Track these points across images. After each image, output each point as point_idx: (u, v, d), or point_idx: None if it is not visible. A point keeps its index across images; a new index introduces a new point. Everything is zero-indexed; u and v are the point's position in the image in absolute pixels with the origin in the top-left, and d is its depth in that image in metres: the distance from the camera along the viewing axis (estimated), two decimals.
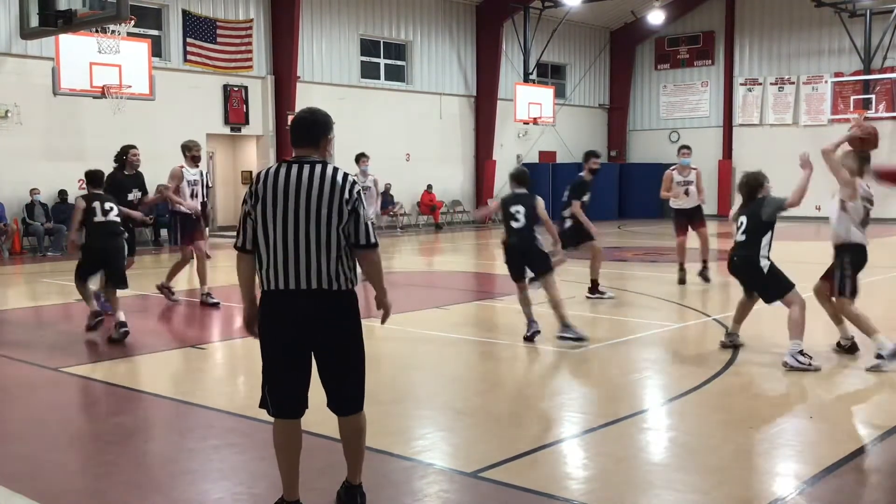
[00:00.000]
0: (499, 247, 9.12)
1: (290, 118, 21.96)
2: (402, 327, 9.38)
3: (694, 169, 12.68)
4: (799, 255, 9.80)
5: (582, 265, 11.78)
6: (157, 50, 19.84)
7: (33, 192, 17.87)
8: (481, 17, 27.77)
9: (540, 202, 8.38)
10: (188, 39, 20.85)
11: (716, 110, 31.27)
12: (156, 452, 5.25)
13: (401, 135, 25.47)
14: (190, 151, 11.17)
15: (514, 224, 8.34)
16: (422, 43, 26.52)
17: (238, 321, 9.72)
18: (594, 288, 11.22)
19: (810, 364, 7.12)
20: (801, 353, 7.17)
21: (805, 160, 7.67)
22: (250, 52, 21.85)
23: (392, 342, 8.56)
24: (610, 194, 30.72)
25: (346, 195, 3.96)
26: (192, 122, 20.80)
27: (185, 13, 20.80)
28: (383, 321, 4.37)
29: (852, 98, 27.66)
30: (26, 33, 12.30)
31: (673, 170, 12.67)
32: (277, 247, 3.96)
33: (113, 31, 14.64)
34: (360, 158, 13.09)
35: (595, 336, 8.65)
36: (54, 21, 11.13)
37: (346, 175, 4.02)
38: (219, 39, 21.39)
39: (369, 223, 4.06)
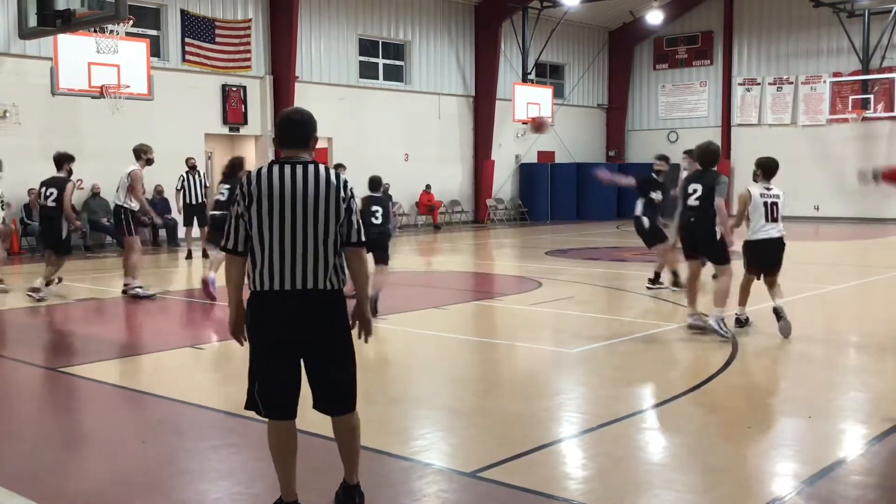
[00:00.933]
0: (500, 247, 9.19)
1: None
2: (401, 327, 9.38)
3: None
4: (802, 256, 9.80)
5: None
6: (155, 50, 19.83)
7: (31, 191, 17.84)
8: (480, 17, 27.76)
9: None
10: (187, 39, 20.84)
11: (714, 110, 31.28)
12: (154, 452, 5.24)
13: (399, 135, 25.47)
14: (146, 154, 11.66)
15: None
16: (420, 43, 26.52)
17: (371, 339, 9.72)
18: (655, 279, 11.75)
19: (726, 333, 8.16)
20: (724, 320, 8.21)
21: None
22: (249, 52, 21.84)
23: (391, 342, 8.56)
24: (608, 194, 30.67)
25: (343, 193, 4.00)
26: (190, 121, 20.80)
27: (184, 13, 20.79)
28: (366, 337, 4.23)
29: (851, 98, 27.67)
30: (24, 33, 12.28)
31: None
32: (274, 247, 3.94)
33: (111, 31, 14.62)
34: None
35: (594, 336, 8.65)
36: (53, 21, 11.11)
37: (338, 174, 4.05)
38: (217, 39, 21.38)
39: (360, 222, 4.09)
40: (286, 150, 4.07)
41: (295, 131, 4.08)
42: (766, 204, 8.44)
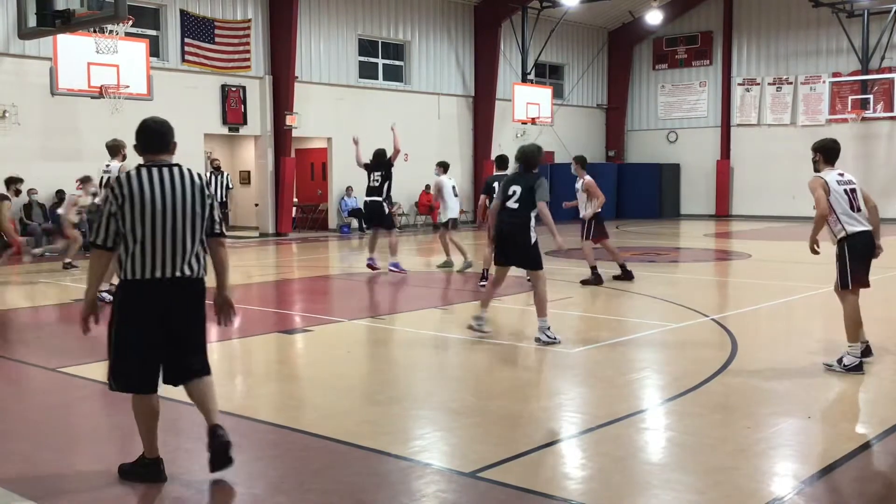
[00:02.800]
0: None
1: (288, 119, 21.94)
2: (401, 327, 9.38)
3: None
4: (801, 255, 9.80)
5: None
6: (154, 50, 19.83)
7: (31, 192, 17.84)
8: (479, 18, 27.76)
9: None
10: (186, 39, 20.84)
11: (714, 110, 31.28)
12: None
13: (399, 135, 25.41)
14: (124, 150, 10.95)
15: None
16: (420, 43, 26.51)
17: (237, 321, 9.73)
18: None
19: (555, 338, 8.04)
20: (549, 328, 8.08)
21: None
22: (248, 52, 21.84)
23: (390, 342, 8.56)
24: (608, 194, 30.52)
25: (207, 191, 4.63)
26: (189, 122, 20.74)
27: (183, 13, 20.79)
28: (226, 321, 4.81)
29: (850, 98, 27.66)
30: (24, 33, 12.29)
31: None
32: (146, 241, 4.43)
33: (111, 31, 14.62)
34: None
35: (593, 336, 8.65)
36: (52, 21, 11.12)
37: (199, 174, 4.67)
38: (217, 39, 21.39)
39: (220, 215, 4.74)
40: (148, 154, 4.61)
41: (156, 139, 4.67)
42: (846, 191, 7.12)
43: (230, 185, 19.38)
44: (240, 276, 13.97)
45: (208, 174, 18.04)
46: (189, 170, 4.65)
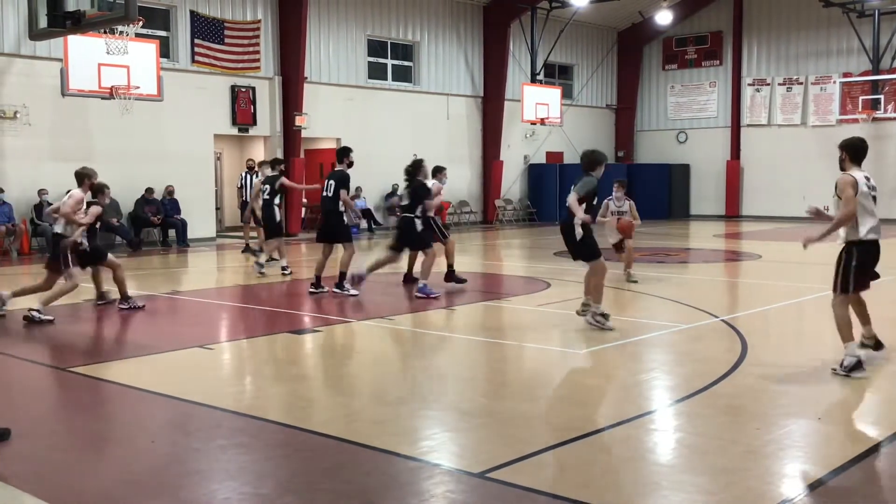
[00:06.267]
0: (509, 247, 9.30)
1: (297, 119, 22.00)
2: (410, 328, 9.39)
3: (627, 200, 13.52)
4: (811, 256, 9.77)
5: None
6: (165, 51, 19.90)
7: (41, 192, 17.91)
8: (488, 18, 27.75)
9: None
10: (196, 40, 20.89)
11: (724, 111, 31.19)
12: (162, 452, 5.25)
13: (408, 135, 25.45)
14: (90, 179, 10.57)
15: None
16: (429, 43, 26.52)
17: (243, 322, 9.74)
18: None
19: (605, 323, 8.72)
20: (603, 315, 8.80)
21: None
22: (258, 52, 21.89)
23: (398, 342, 8.56)
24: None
25: None
26: (199, 122, 20.85)
27: (193, 14, 20.84)
28: None
29: (861, 98, 27.56)
30: (35, 34, 12.31)
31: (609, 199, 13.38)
32: None
33: (121, 32, 14.64)
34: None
35: (603, 337, 8.64)
36: (63, 22, 11.13)
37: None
38: (226, 40, 21.43)
39: None
40: None
41: None
42: (873, 197, 6.95)
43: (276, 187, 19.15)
44: (248, 277, 14.00)
45: (244, 174, 18.24)
46: None
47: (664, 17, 29.12)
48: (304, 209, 24.21)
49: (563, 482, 4.73)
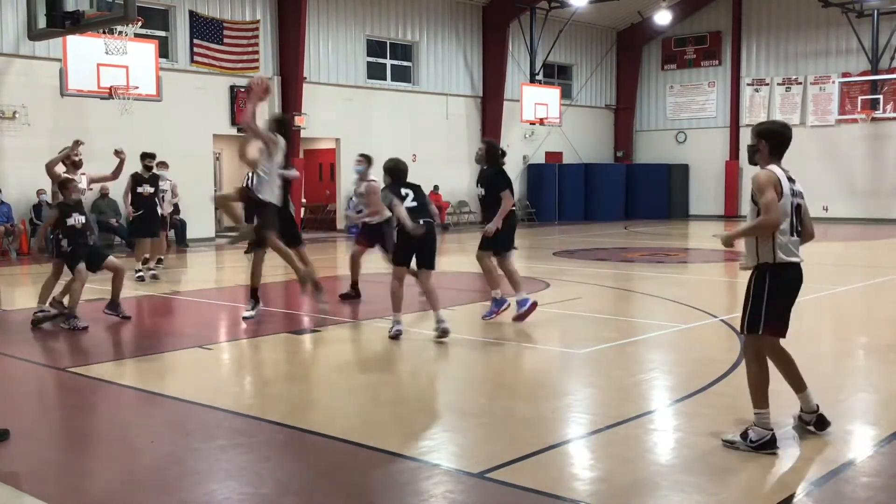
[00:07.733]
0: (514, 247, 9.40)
1: (296, 119, 21.99)
2: (409, 328, 9.38)
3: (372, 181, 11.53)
4: (810, 256, 9.77)
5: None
6: (164, 51, 19.90)
7: (40, 192, 17.91)
8: (487, 18, 27.76)
9: None
10: (195, 40, 20.89)
11: (723, 110, 31.21)
12: (162, 452, 5.25)
13: (407, 135, 25.46)
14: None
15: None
16: (428, 43, 26.53)
17: (243, 322, 9.74)
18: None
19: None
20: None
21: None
22: (257, 52, 21.88)
23: (398, 343, 8.56)
24: (616, 195, 30.68)
25: None
26: (198, 122, 20.86)
27: (192, 14, 20.84)
28: None
29: (860, 98, 27.59)
30: (34, 34, 12.31)
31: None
32: None
33: (120, 33, 14.67)
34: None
35: (601, 337, 8.64)
36: (62, 22, 11.13)
37: None
38: (225, 40, 21.43)
39: None
40: None
41: None
42: (793, 205, 5.14)
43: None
44: (247, 278, 13.98)
45: (249, 173, 18.01)
46: None
47: (663, 17, 29.14)
48: (303, 209, 24.22)
49: (563, 482, 4.73)
